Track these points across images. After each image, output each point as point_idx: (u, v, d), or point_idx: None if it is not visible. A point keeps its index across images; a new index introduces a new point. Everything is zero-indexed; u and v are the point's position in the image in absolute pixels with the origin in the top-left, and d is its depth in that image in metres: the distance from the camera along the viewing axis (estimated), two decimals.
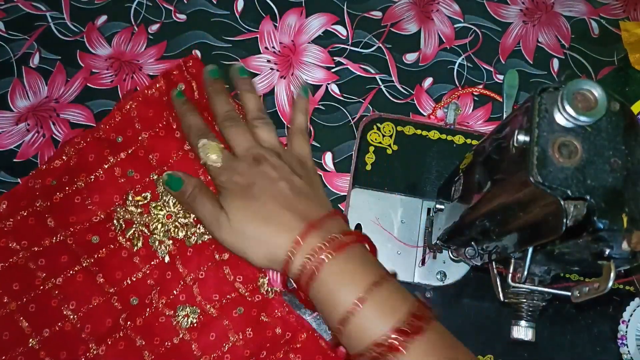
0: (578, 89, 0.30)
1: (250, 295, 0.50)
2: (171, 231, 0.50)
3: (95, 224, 0.50)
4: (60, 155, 0.51)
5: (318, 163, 0.55)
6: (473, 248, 0.42)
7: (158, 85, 0.53)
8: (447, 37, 0.59)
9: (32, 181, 0.50)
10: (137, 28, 0.57)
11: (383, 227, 0.52)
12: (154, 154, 0.52)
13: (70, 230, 0.49)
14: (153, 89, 0.53)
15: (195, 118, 0.51)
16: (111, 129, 0.52)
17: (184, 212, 0.51)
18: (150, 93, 0.53)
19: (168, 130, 0.52)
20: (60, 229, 0.49)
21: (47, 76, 0.55)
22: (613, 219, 0.30)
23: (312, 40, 0.58)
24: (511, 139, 0.32)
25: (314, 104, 0.56)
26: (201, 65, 0.55)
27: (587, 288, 0.33)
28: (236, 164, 0.48)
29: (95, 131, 0.52)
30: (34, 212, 0.49)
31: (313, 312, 0.50)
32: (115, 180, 0.51)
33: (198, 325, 0.49)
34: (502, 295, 0.40)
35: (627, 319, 0.52)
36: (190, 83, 0.54)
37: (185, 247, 0.50)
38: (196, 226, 0.50)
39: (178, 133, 0.52)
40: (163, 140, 0.52)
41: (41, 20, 0.56)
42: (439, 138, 0.55)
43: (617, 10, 0.62)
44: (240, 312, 0.49)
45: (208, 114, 0.53)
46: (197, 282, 0.49)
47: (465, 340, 0.51)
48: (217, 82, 0.52)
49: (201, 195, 0.48)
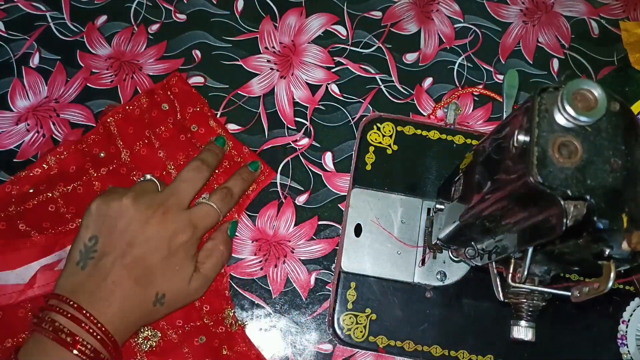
0: (578, 89, 0.30)
1: (214, 326, 0.50)
2: None
3: (70, 231, 0.50)
4: (41, 163, 0.51)
5: (318, 163, 0.55)
6: (473, 248, 0.42)
7: (141, 101, 0.53)
8: (447, 37, 0.59)
9: (10, 187, 0.50)
10: (137, 28, 0.57)
11: (383, 227, 0.52)
12: (136, 172, 0.52)
13: (44, 234, 0.49)
14: (134, 105, 0.53)
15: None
16: (94, 144, 0.52)
17: None
18: (130, 109, 0.53)
19: (150, 148, 0.52)
20: (34, 232, 0.49)
21: (47, 76, 0.55)
22: (613, 219, 0.30)
23: (312, 40, 0.58)
24: (511, 139, 0.32)
25: (314, 104, 0.56)
26: (184, 85, 0.55)
27: (587, 288, 0.33)
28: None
29: (79, 143, 0.52)
30: (6, 217, 0.49)
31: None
32: (94, 194, 0.51)
33: (157, 350, 0.48)
34: (502, 295, 0.40)
35: (627, 319, 0.52)
36: (174, 103, 0.54)
37: None
38: None
39: (161, 153, 0.52)
40: (145, 158, 0.52)
41: (41, 20, 0.56)
42: (439, 138, 0.55)
43: (617, 10, 0.62)
44: (202, 341, 0.49)
45: (191, 135, 0.53)
46: None
47: (465, 340, 0.51)
48: (216, 147, 0.52)
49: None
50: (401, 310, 0.51)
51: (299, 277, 0.52)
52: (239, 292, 0.51)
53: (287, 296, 0.52)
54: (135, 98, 0.54)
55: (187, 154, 0.53)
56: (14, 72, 0.54)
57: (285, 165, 0.54)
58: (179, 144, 0.53)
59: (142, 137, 0.52)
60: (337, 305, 0.50)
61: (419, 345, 0.50)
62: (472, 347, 0.51)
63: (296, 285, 0.52)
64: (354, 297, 0.51)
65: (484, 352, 0.51)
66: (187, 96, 0.55)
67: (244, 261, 0.52)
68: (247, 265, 0.52)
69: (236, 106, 0.55)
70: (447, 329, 0.51)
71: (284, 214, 0.53)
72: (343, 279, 0.51)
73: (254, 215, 0.53)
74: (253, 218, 0.53)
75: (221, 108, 0.55)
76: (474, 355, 0.50)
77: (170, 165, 0.52)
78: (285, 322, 0.51)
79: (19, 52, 0.55)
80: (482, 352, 0.51)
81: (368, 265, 0.51)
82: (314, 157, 0.55)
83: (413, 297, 0.51)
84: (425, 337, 0.50)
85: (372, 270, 0.51)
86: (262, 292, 0.52)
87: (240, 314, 0.51)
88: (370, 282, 0.51)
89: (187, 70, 0.56)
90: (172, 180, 0.49)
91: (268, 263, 0.52)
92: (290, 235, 0.53)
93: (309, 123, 0.56)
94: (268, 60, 0.57)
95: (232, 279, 0.51)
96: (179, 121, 0.54)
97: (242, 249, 0.52)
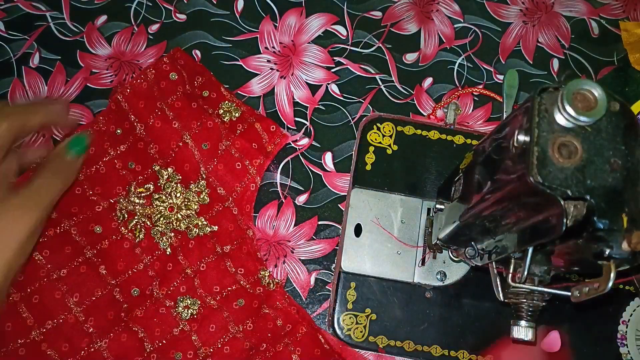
0: (578, 89, 0.30)
1: (252, 288, 0.50)
2: (173, 223, 0.50)
3: (98, 214, 0.50)
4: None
5: (318, 163, 0.55)
6: (473, 248, 0.42)
7: (148, 74, 0.53)
8: (447, 37, 0.59)
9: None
10: (137, 28, 0.57)
11: (383, 227, 0.52)
12: (153, 145, 0.52)
13: (73, 220, 0.50)
14: (140, 78, 0.53)
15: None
16: (110, 121, 0.52)
17: (187, 204, 0.51)
18: (138, 82, 0.53)
19: (164, 120, 0.52)
20: (63, 219, 0.50)
21: (47, 76, 0.55)
22: (613, 219, 0.30)
23: (312, 40, 0.58)
24: (511, 139, 0.32)
25: (314, 104, 0.56)
26: (188, 58, 0.55)
27: (587, 288, 0.33)
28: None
29: (95, 124, 0.52)
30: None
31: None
32: (116, 173, 0.51)
33: (198, 317, 0.49)
34: (502, 295, 0.40)
35: (627, 319, 0.52)
36: (182, 72, 0.54)
37: (187, 239, 0.50)
38: (198, 218, 0.51)
39: (176, 123, 0.52)
40: (160, 130, 0.52)
41: (41, 20, 0.56)
42: (439, 138, 0.55)
43: (617, 10, 0.62)
44: (241, 304, 0.49)
45: (203, 101, 0.53)
46: (197, 274, 0.49)
47: (466, 340, 0.51)
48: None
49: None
50: (401, 310, 0.51)
51: (299, 277, 0.52)
52: None
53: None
54: (141, 71, 0.54)
55: (201, 121, 0.52)
56: (14, 72, 0.54)
57: (285, 165, 0.54)
58: (191, 112, 0.52)
59: (154, 110, 0.52)
60: (337, 305, 0.50)
61: (419, 345, 0.50)
62: (472, 347, 0.51)
63: (296, 285, 0.52)
64: (354, 297, 0.51)
65: (484, 352, 0.51)
66: (193, 67, 0.55)
67: None
68: None
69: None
70: (447, 329, 0.51)
71: (284, 214, 0.53)
72: (343, 279, 0.51)
73: (254, 215, 0.53)
74: (253, 218, 0.53)
75: None
76: (473, 355, 0.50)
77: (186, 135, 0.52)
78: None
79: (19, 52, 0.55)
80: (482, 352, 0.51)
81: (368, 265, 0.51)
82: (314, 157, 0.55)
83: (413, 297, 0.51)
84: (425, 337, 0.50)
85: (372, 270, 0.51)
86: None
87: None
88: (370, 282, 0.51)
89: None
90: (190, 150, 0.49)
91: (268, 263, 0.52)
92: (290, 235, 0.53)
93: (309, 123, 0.56)
94: (268, 60, 0.57)
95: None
96: (188, 90, 0.54)
97: None
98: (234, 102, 0.54)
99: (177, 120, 0.52)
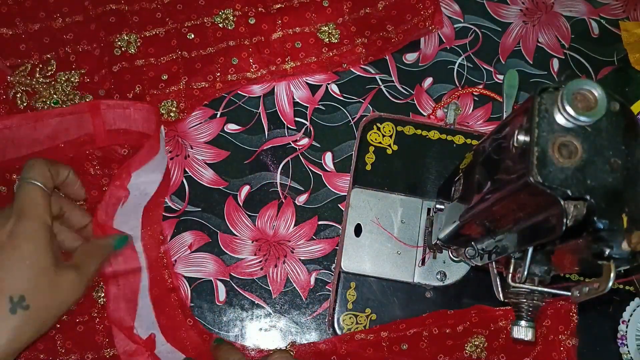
0: (578, 89, 0.30)
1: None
2: None
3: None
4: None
5: (318, 163, 0.55)
6: (473, 248, 0.42)
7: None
8: (447, 37, 0.59)
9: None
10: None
11: (383, 227, 0.52)
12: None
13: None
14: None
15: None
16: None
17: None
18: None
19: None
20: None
21: None
22: (613, 219, 0.30)
23: None
24: (511, 139, 0.32)
25: (314, 104, 0.56)
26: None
27: (587, 288, 0.33)
28: None
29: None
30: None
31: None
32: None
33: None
34: (502, 295, 0.40)
35: (627, 319, 0.52)
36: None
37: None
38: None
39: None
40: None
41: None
42: (439, 138, 0.55)
43: (617, 10, 0.62)
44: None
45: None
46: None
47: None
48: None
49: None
50: (401, 310, 0.51)
51: (299, 277, 0.52)
52: (239, 292, 0.51)
53: (287, 296, 0.52)
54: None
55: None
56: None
57: (285, 165, 0.54)
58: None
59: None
60: (337, 305, 0.50)
61: None
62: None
63: (296, 285, 0.52)
64: (354, 297, 0.51)
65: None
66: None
67: (244, 261, 0.52)
68: (247, 265, 0.52)
69: (236, 106, 0.55)
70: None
71: (283, 214, 0.53)
72: (343, 279, 0.51)
73: (254, 215, 0.53)
74: (253, 218, 0.53)
75: (221, 108, 0.55)
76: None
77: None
78: (285, 322, 0.51)
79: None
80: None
81: (368, 265, 0.51)
82: (314, 157, 0.55)
83: (413, 297, 0.51)
84: None
85: (372, 270, 0.51)
86: (262, 292, 0.52)
87: (240, 314, 0.51)
88: (370, 282, 0.51)
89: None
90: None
91: (268, 263, 0.52)
92: (290, 235, 0.53)
93: (309, 123, 0.56)
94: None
95: (232, 279, 0.52)
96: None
97: (242, 249, 0.52)
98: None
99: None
